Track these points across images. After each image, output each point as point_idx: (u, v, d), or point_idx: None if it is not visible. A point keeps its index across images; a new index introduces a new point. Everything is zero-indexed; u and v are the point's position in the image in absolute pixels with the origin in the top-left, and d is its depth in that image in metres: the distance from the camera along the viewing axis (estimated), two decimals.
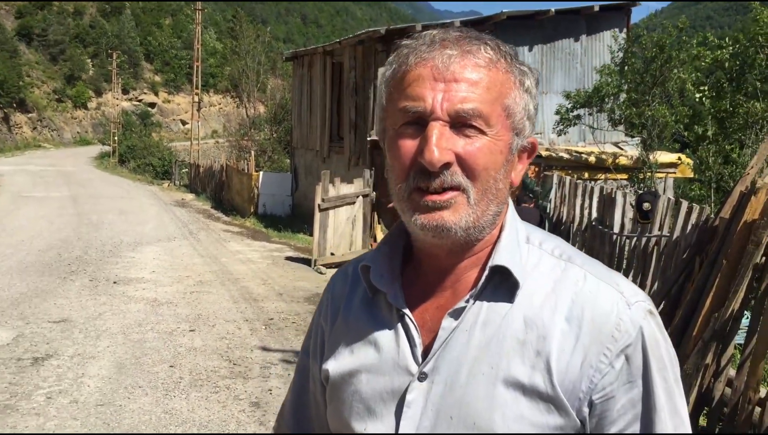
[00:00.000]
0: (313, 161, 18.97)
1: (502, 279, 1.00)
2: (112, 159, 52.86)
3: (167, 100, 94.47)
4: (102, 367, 6.28)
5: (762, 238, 4.53)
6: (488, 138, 0.97)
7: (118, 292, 9.42)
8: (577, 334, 0.95)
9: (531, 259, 1.03)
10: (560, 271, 1.01)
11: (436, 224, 0.96)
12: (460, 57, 0.97)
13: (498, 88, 0.98)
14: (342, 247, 12.74)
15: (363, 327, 1.09)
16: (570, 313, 0.97)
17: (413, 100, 0.96)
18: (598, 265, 1.04)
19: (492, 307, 1.00)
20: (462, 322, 1.00)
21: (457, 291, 1.03)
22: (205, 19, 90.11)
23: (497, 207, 1.01)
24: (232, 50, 39.76)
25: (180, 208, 23.75)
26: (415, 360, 1.01)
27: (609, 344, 0.95)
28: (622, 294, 0.98)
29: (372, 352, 1.06)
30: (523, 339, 0.97)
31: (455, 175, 0.96)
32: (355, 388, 1.06)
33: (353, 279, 1.16)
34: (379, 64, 14.71)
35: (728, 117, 9.37)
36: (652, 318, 0.98)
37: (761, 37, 8.85)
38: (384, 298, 1.07)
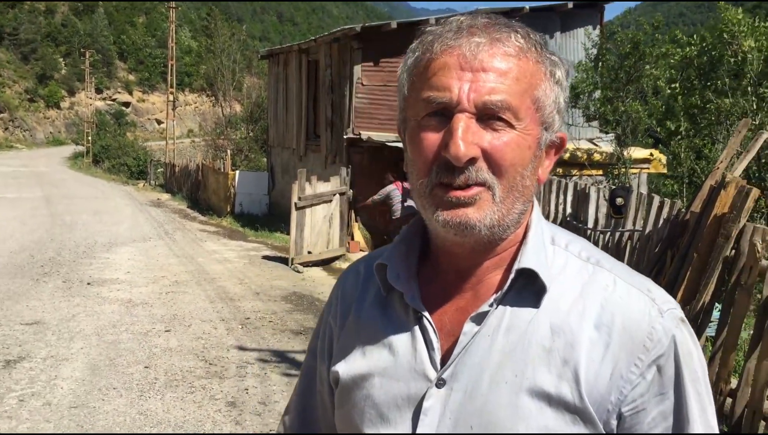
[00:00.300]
0: (289, 160, 18.91)
1: (528, 282, 0.95)
2: (86, 159, 52.31)
3: (142, 99, 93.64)
4: (75, 369, 6.21)
5: (731, 231, 4.59)
6: (516, 132, 0.92)
7: (92, 294, 9.32)
8: (606, 343, 0.90)
9: (557, 262, 0.98)
10: (588, 275, 0.96)
11: (459, 221, 0.91)
12: (489, 45, 0.92)
13: (528, 79, 0.93)
14: (319, 245, 12.72)
15: (376, 328, 1.03)
16: (599, 319, 0.92)
17: (438, 90, 0.91)
18: (626, 268, 0.99)
19: (516, 312, 0.94)
20: (484, 327, 0.94)
21: (478, 293, 0.98)
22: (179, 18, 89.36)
23: (523, 205, 0.96)
24: (207, 49, 39.52)
25: (155, 208, 23.56)
26: (433, 365, 0.96)
27: (641, 354, 0.90)
28: (654, 301, 0.93)
29: (386, 355, 1.00)
30: (549, 346, 0.91)
31: (480, 171, 0.91)
32: (368, 393, 1.00)
33: (365, 277, 1.10)
34: (355, 61, 14.70)
35: (699, 113, 9.50)
36: (684, 326, 0.93)
37: (726, 35, 8.98)
38: (399, 298, 1.02)
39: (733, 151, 5.25)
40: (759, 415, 4.21)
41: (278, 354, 6.90)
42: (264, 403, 5.56)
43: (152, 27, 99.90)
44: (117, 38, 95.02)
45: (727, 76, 9.35)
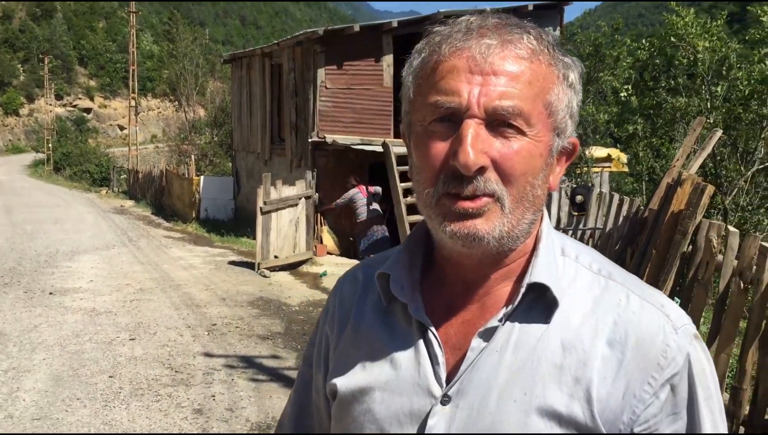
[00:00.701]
0: (254, 164, 18.80)
1: (538, 296, 0.91)
2: (46, 167, 51.39)
3: (103, 105, 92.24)
4: (38, 381, 6.11)
5: (688, 227, 4.70)
6: (528, 139, 0.87)
7: (54, 303, 9.17)
8: (620, 360, 0.87)
9: (567, 275, 0.94)
10: (599, 289, 0.93)
11: (467, 233, 0.87)
12: (500, 47, 0.87)
13: (540, 82, 0.88)
14: (286, 249, 12.67)
15: (377, 339, 0.99)
16: (612, 336, 0.88)
17: (446, 94, 0.87)
18: (638, 282, 0.96)
19: (526, 327, 0.91)
20: (492, 342, 0.91)
21: (485, 306, 0.94)
22: (140, 22, 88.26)
23: (533, 215, 0.91)
24: (169, 53, 39.09)
25: (119, 215, 23.24)
26: (438, 381, 0.92)
27: (654, 372, 0.87)
28: (669, 317, 0.90)
29: (388, 369, 0.96)
30: (560, 364, 0.88)
31: (489, 181, 0.87)
32: (368, 407, 0.96)
33: (364, 284, 1.06)
34: (318, 65, 14.68)
35: (654, 113, 9.72)
36: (697, 342, 0.90)
37: (674, 38, 9.21)
38: (402, 309, 0.98)
39: (689, 149, 5.37)
40: None
41: (245, 359, 6.87)
42: (231, 409, 5.53)
43: (113, 32, 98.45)
44: (77, 43, 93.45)
45: (680, 76, 9.57)
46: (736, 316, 4.24)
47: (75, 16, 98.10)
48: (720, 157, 8.96)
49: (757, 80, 8.55)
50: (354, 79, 14.89)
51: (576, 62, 0.94)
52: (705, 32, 9.29)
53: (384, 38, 15.02)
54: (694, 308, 4.64)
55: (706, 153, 5.36)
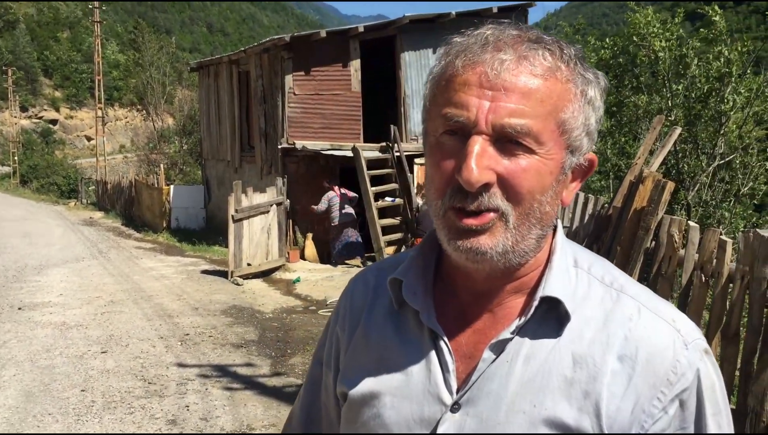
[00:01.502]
0: (225, 172, 18.72)
1: (549, 309, 0.92)
2: (12, 180, 50.63)
3: (69, 116, 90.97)
4: (8, 397, 6.03)
5: (650, 223, 4.80)
6: (537, 157, 0.86)
7: (23, 319, 9.05)
8: (630, 375, 0.87)
9: (580, 287, 0.94)
10: (611, 303, 0.92)
11: (470, 247, 0.88)
12: (515, 63, 0.86)
13: (554, 100, 0.87)
14: (258, 256, 12.64)
15: (388, 345, 1.00)
16: (623, 351, 0.89)
17: (456, 107, 0.87)
18: (650, 294, 0.95)
19: (537, 339, 0.91)
20: (504, 353, 0.91)
21: (497, 316, 0.95)
22: (105, 31, 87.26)
23: (541, 230, 0.91)
24: (135, 62, 38.74)
25: (88, 227, 22.98)
26: (449, 389, 0.92)
27: (664, 388, 0.87)
28: (679, 332, 0.90)
29: (399, 375, 0.96)
30: (571, 377, 0.88)
31: (494, 198, 0.86)
32: (377, 412, 0.96)
33: (375, 287, 1.07)
34: (285, 71, 14.68)
35: (618, 111, 9.88)
36: (707, 358, 0.90)
37: (636, 37, 9.38)
38: (414, 315, 0.98)
39: (650, 147, 5.48)
40: None
41: (219, 368, 6.85)
42: (205, 419, 5.52)
43: (77, 42, 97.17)
44: (41, 54, 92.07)
45: (642, 75, 9.75)
46: (699, 308, 4.34)
47: (38, 27, 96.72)
48: (682, 154, 9.13)
49: (715, 77, 8.74)
50: (322, 85, 14.92)
51: (600, 77, 0.92)
52: (665, 30, 9.48)
53: (351, 43, 15.07)
54: None
55: (666, 150, 5.48)
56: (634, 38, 9.64)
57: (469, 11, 16.26)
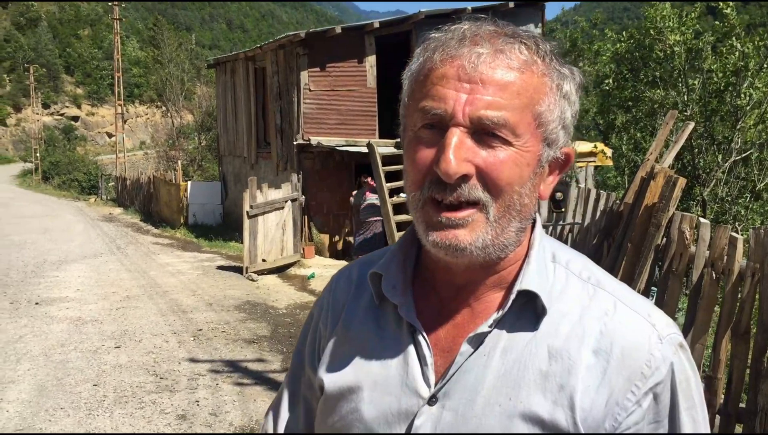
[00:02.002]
0: (241, 168, 18.80)
1: (527, 303, 0.92)
2: (35, 176, 51.21)
3: (91, 112, 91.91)
4: (22, 391, 6.10)
5: (661, 220, 4.74)
6: (514, 149, 0.87)
7: (40, 314, 9.15)
8: (604, 369, 0.88)
9: (558, 282, 0.94)
10: (588, 298, 0.93)
11: (449, 244, 0.88)
12: (491, 56, 0.87)
13: (530, 93, 0.88)
14: (273, 252, 12.68)
15: (367, 339, 1.00)
16: (598, 345, 0.89)
17: (434, 100, 0.88)
18: (627, 290, 0.96)
19: (514, 333, 0.92)
20: (481, 347, 0.92)
21: (475, 310, 0.95)
22: (126, 28, 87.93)
23: (521, 223, 0.91)
24: (154, 59, 39.02)
25: (107, 222, 23.19)
26: (426, 382, 0.93)
27: (638, 381, 0.88)
28: (654, 326, 0.90)
29: (377, 368, 0.97)
30: (546, 371, 0.89)
31: (474, 189, 0.87)
32: (355, 406, 0.97)
33: (358, 282, 1.07)
34: (301, 67, 14.70)
35: (633, 106, 9.77)
36: (683, 352, 0.91)
37: (653, 31, 9.26)
38: (393, 309, 0.99)
39: (662, 142, 5.41)
40: None
41: (230, 364, 6.88)
42: (215, 414, 5.54)
43: (98, 39, 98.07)
44: (62, 51, 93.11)
45: (657, 69, 9.63)
46: (710, 306, 4.28)
47: (60, 24, 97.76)
48: (697, 149, 9.02)
49: (731, 72, 8.61)
50: (337, 81, 14.92)
51: (575, 72, 0.94)
52: (681, 25, 9.35)
53: (366, 39, 15.05)
54: (669, 299, 4.69)
55: (679, 146, 5.40)
56: (650, 32, 9.52)
57: (485, 6, 16.18)
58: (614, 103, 10.18)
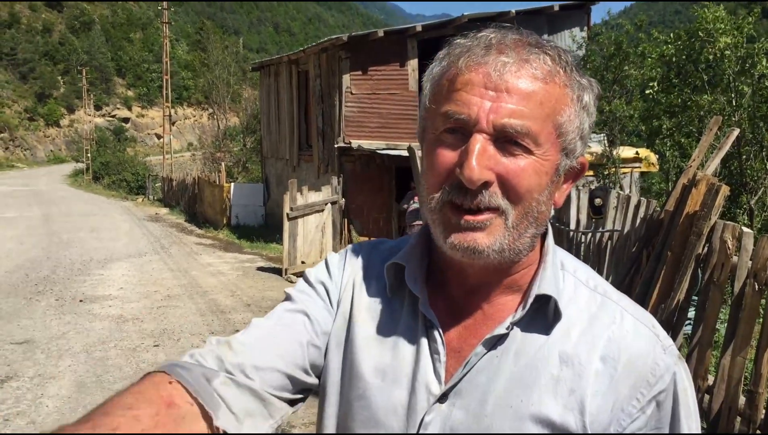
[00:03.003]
0: (283, 170, 18.97)
1: (540, 307, 0.94)
2: (86, 176, 52.51)
3: (141, 114, 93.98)
4: (62, 387, 6.23)
5: (703, 228, 4.61)
6: (534, 158, 0.88)
7: (83, 311, 9.35)
8: (611, 375, 0.90)
9: (567, 289, 0.97)
10: (596, 306, 0.95)
11: (467, 246, 0.89)
12: (517, 65, 0.88)
13: (552, 103, 0.89)
14: (312, 254, 12.75)
15: (380, 326, 1.00)
16: (606, 352, 0.91)
17: (458, 106, 0.88)
18: (631, 302, 0.98)
19: (527, 336, 0.93)
20: (494, 349, 0.93)
21: (487, 313, 0.96)
22: (176, 32, 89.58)
23: (536, 229, 0.93)
24: (201, 62, 39.69)
25: (153, 222, 23.62)
26: (438, 378, 0.94)
27: (643, 389, 0.90)
28: (658, 337, 0.93)
29: (388, 359, 0.97)
30: (557, 375, 0.91)
31: (494, 196, 0.88)
32: (362, 393, 0.97)
33: (372, 266, 1.06)
34: (343, 71, 14.76)
35: (680, 111, 9.54)
36: (681, 363, 0.94)
37: (701, 33, 9.00)
38: (409, 301, 0.99)
39: (705, 148, 5.26)
40: (735, 411, 4.21)
41: None
42: None
43: (149, 42, 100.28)
44: (114, 54, 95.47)
45: (705, 73, 9.38)
46: (752, 318, 4.15)
47: (113, 28, 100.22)
48: (745, 156, 8.75)
49: None
50: (379, 84, 14.94)
51: (593, 84, 0.95)
52: (735, 29, 9.09)
53: (408, 42, 15.05)
54: (710, 310, 4.56)
55: (723, 152, 5.25)
56: (699, 33, 9.27)
57: (529, 9, 16.03)
58: (660, 109, 9.95)
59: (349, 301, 1.03)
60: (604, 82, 12.16)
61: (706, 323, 4.58)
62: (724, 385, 4.30)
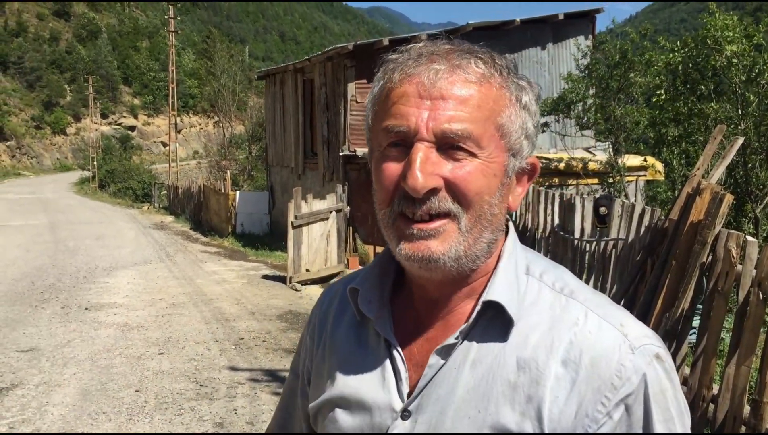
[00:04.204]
0: (288, 178, 19.00)
1: (496, 314, 0.91)
2: (92, 184, 52.66)
3: (147, 122, 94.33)
4: (67, 395, 6.25)
5: (707, 237, 4.60)
6: (480, 160, 0.88)
7: (88, 319, 9.38)
8: (573, 379, 0.87)
9: (529, 293, 0.94)
10: (559, 308, 0.92)
11: (422, 256, 0.88)
12: (449, 72, 0.88)
13: (490, 105, 0.89)
14: (317, 263, 12.76)
15: (348, 354, 1.02)
16: (567, 355, 0.88)
17: (397, 118, 0.89)
18: (602, 301, 0.94)
19: (484, 345, 0.91)
20: (451, 360, 0.92)
21: (448, 324, 0.95)
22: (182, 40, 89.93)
23: (492, 234, 0.92)
24: (207, 71, 39.87)
25: (158, 230, 23.67)
26: (400, 396, 0.94)
27: (608, 392, 0.86)
28: (626, 336, 0.88)
29: (355, 383, 0.98)
30: (514, 382, 0.88)
31: (444, 201, 0.88)
32: (333, 418, 0.99)
33: (342, 298, 1.08)
34: (348, 79, 14.81)
35: (686, 119, 9.52)
36: (659, 363, 0.88)
37: (710, 40, 8.99)
38: (372, 324, 0.99)
39: (709, 157, 5.26)
40: (739, 420, 4.20)
41: (270, 373, 6.93)
42: (251, 422, 5.58)
43: (156, 51, 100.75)
44: (121, 63, 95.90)
45: (712, 81, 9.36)
46: (756, 327, 4.14)
47: (119, 37, 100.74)
48: (751, 165, 8.74)
49: None
50: None
51: (532, 84, 0.95)
52: (744, 37, 9.07)
53: None
54: (714, 319, 4.55)
55: (727, 161, 5.25)
56: (707, 41, 9.25)
57: (534, 18, 16.05)
58: (667, 117, 9.93)
59: (326, 333, 1.08)
60: (608, 91, 12.17)
61: (710, 332, 4.57)
62: (729, 395, 4.28)
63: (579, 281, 0.97)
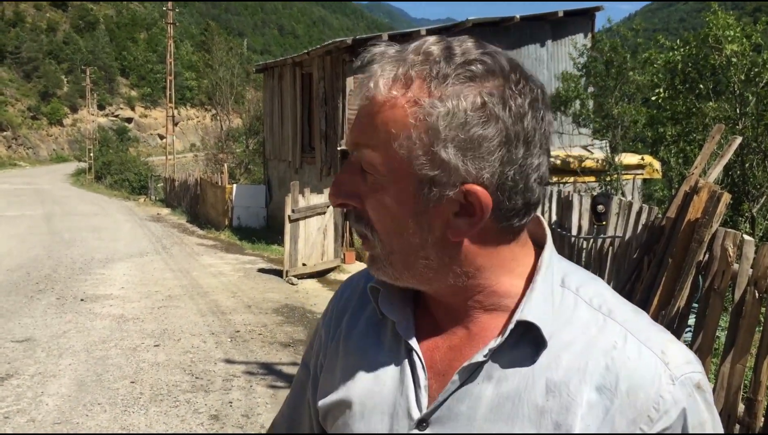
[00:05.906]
0: (286, 172, 18.99)
1: (526, 331, 0.84)
2: (88, 175, 52.55)
3: (144, 114, 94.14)
4: (62, 386, 6.25)
5: (704, 236, 4.62)
6: (382, 185, 0.83)
7: (84, 310, 9.37)
8: (607, 408, 0.80)
9: (564, 309, 0.86)
10: (596, 329, 0.84)
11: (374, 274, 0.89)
12: (366, 84, 0.83)
13: (401, 123, 0.80)
14: (314, 257, 12.76)
15: (365, 352, 0.96)
16: (602, 381, 0.81)
17: None
18: (643, 322, 0.86)
19: (512, 362, 0.85)
20: (476, 375, 0.86)
21: (472, 333, 0.89)
22: (180, 33, 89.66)
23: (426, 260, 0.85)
24: (205, 63, 39.77)
25: (155, 222, 23.64)
26: (418, 405, 0.88)
27: (643, 425, 0.80)
28: (668, 365, 0.81)
29: (371, 385, 0.93)
30: (542, 406, 0.82)
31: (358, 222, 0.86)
32: (345, 421, 0.94)
33: (363, 293, 1.02)
34: (347, 73, 14.79)
35: (684, 118, 9.53)
36: (699, 394, 0.82)
37: (711, 39, 8.99)
38: (392, 324, 0.94)
39: (707, 156, 5.27)
40: (733, 419, 4.22)
41: (265, 366, 6.93)
42: (247, 415, 5.59)
43: (153, 43, 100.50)
44: (119, 54, 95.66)
45: (711, 80, 9.38)
46: (752, 326, 4.16)
47: (117, 28, 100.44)
48: (748, 164, 8.76)
49: None
50: None
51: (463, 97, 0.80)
52: (744, 36, 9.08)
53: None
54: (710, 318, 4.57)
55: (725, 160, 5.26)
56: (708, 39, 9.25)
57: (533, 15, 16.05)
58: (665, 116, 9.93)
59: (342, 328, 1.02)
60: (606, 89, 12.18)
61: (706, 330, 4.58)
62: (724, 393, 4.30)
63: (618, 297, 0.90)
